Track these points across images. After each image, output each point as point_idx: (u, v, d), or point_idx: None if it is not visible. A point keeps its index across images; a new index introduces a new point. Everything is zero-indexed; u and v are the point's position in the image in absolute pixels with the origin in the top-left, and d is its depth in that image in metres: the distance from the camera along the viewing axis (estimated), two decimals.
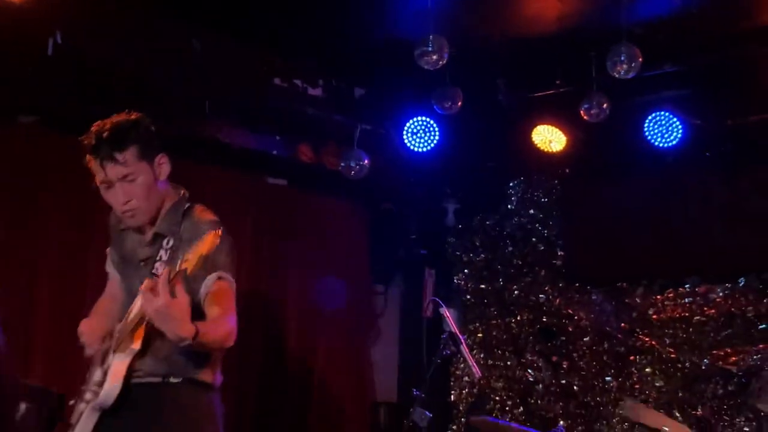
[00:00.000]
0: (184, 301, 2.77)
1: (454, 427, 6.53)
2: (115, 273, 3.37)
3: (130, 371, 3.00)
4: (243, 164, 5.71)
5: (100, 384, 3.02)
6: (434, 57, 4.70)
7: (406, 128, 5.67)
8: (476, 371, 3.80)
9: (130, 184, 3.06)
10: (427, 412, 3.59)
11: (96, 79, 4.69)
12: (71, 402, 3.20)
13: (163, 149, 3.15)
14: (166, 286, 2.72)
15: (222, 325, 2.99)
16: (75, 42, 4.51)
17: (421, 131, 5.68)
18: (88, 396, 3.06)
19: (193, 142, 5.09)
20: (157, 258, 3.10)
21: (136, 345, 3.00)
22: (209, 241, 2.73)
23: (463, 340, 3.71)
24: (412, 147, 5.70)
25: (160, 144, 3.17)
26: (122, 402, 3.00)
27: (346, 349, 6.27)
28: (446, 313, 3.76)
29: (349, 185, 5.85)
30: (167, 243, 3.11)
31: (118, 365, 3.00)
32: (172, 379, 3.06)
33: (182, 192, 3.24)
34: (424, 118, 5.66)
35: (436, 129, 5.68)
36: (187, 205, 3.20)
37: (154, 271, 3.07)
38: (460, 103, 5.20)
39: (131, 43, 4.70)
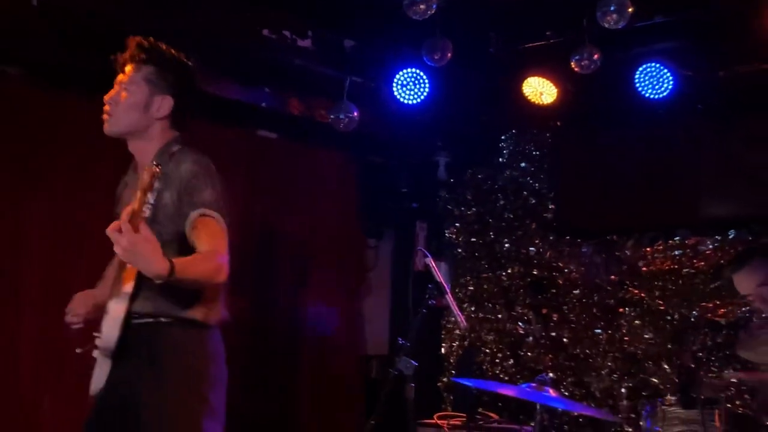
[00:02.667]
0: (150, 238, 2.76)
1: (445, 379, 6.59)
2: None
3: (129, 315, 3.03)
4: (232, 117, 5.67)
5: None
6: (422, 6, 4.66)
7: (395, 80, 5.63)
8: (461, 321, 3.81)
9: (123, 91, 3.18)
10: (412, 361, 3.59)
11: (80, 30, 4.63)
12: (78, 350, 3.22)
13: (175, 98, 3.21)
14: (128, 224, 2.72)
15: (208, 260, 2.98)
16: None
17: (411, 83, 5.63)
18: (99, 342, 3.10)
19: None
20: (145, 200, 3.11)
21: (127, 288, 3.03)
22: (144, 177, 2.75)
23: (448, 290, 3.71)
24: (402, 99, 5.65)
25: (177, 91, 3.23)
26: (126, 345, 3.03)
27: (336, 303, 6.28)
28: (432, 263, 3.76)
29: (339, 138, 5.81)
30: (156, 184, 3.13)
31: (115, 310, 3.04)
32: (163, 319, 3.08)
33: (176, 135, 3.26)
34: (414, 70, 5.62)
35: (427, 81, 5.63)
36: (177, 147, 3.21)
37: (141, 214, 3.08)
38: (450, 55, 5.14)
39: None
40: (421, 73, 5.61)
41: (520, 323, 6.41)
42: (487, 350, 6.49)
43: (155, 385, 3.03)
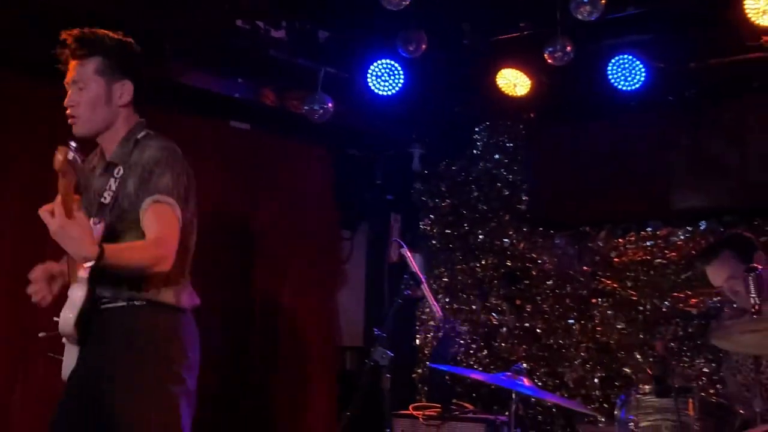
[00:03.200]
0: (83, 222, 2.78)
1: (420, 370, 6.60)
2: None
3: (91, 299, 3.02)
4: (205, 108, 5.64)
5: None
6: None
7: (370, 71, 5.63)
8: (437, 311, 3.83)
9: (79, 92, 3.14)
10: (388, 351, 3.60)
11: (51, 18, 4.58)
12: (41, 334, 3.18)
13: (133, 80, 3.20)
14: (61, 207, 2.72)
15: (148, 249, 2.97)
16: None
17: (385, 74, 5.64)
18: (59, 328, 3.09)
19: (153, 85, 5.00)
20: (106, 187, 3.10)
21: (83, 273, 3.01)
22: (58, 157, 2.71)
23: (424, 280, 3.72)
24: (376, 90, 5.65)
25: (132, 72, 3.20)
26: (92, 329, 3.03)
27: (312, 295, 6.28)
28: (407, 253, 3.77)
29: (313, 129, 5.80)
30: (117, 172, 3.12)
31: (74, 295, 3.02)
32: (136, 302, 3.08)
33: (140, 121, 3.24)
34: (388, 62, 5.62)
35: (401, 72, 5.64)
36: (142, 134, 3.19)
37: (102, 200, 3.07)
38: (424, 46, 5.16)
39: None
40: (396, 65, 5.62)
41: (494, 314, 6.43)
42: (461, 341, 6.52)
43: (132, 368, 3.02)
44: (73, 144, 2.80)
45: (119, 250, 2.89)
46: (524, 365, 5.53)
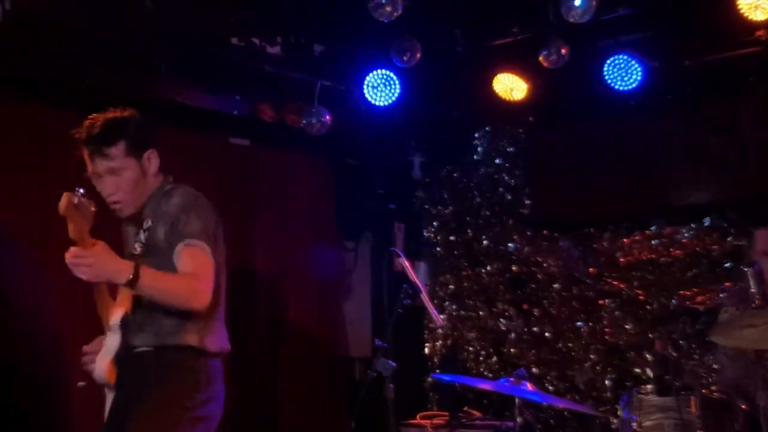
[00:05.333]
0: (106, 247, 2.90)
1: (429, 379, 6.59)
2: None
3: (124, 346, 3.10)
4: (204, 125, 5.67)
5: None
6: (388, 9, 4.70)
7: (366, 82, 5.64)
8: (437, 319, 3.82)
9: (117, 178, 3.19)
10: (390, 362, 3.60)
11: (50, 41, 4.62)
12: (80, 384, 3.28)
13: (153, 145, 3.27)
14: (80, 247, 2.87)
15: (183, 280, 3.04)
16: (25, 5, 4.44)
17: (381, 85, 5.65)
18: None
19: (150, 104, 5.02)
20: (137, 239, 3.17)
21: (114, 319, 3.10)
22: (63, 201, 2.90)
23: (423, 289, 3.72)
24: (373, 101, 5.67)
25: (150, 140, 3.28)
26: (128, 375, 3.11)
27: (316, 307, 6.28)
28: (405, 263, 3.77)
29: (312, 142, 5.83)
30: (147, 223, 3.19)
31: (108, 342, 3.12)
32: (163, 347, 3.13)
33: (165, 177, 3.31)
34: (384, 72, 5.63)
35: (397, 82, 5.65)
36: (168, 186, 3.27)
37: (132, 251, 3.12)
38: (419, 55, 5.18)
39: (83, 3, 4.63)
40: (392, 75, 5.63)
41: (501, 320, 6.42)
42: (470, 348, 6.50)
43: (142, 414, 3.05)
44: (80, 190, 2.93)
45: (157, 274, 2.98)
46: (533, 369, 5.54)
